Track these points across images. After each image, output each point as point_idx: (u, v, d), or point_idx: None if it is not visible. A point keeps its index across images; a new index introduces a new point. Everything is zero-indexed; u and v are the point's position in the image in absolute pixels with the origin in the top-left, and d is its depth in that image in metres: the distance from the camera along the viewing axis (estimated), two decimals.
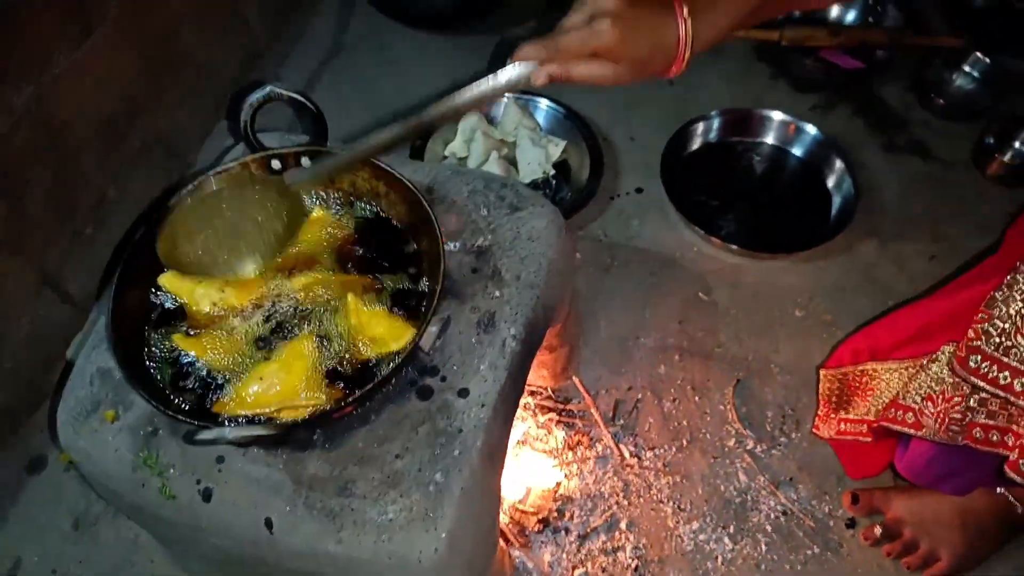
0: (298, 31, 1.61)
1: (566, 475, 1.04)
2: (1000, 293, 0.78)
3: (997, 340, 0.77)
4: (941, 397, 0.84)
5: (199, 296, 0.76)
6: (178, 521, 0.74)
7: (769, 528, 1.01)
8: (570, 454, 1.05)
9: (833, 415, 1.04)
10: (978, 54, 1.43)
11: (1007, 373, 0.77)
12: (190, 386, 0.72)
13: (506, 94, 1.40)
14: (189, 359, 0.73)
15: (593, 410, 1.08)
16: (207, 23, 1.36)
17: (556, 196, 1.34)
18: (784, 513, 1.02)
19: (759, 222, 1.32)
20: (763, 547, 0.99)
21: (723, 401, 1.11)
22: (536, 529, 0.99)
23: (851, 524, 1.02)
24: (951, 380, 0.83)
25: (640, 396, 1.11)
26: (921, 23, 1.49)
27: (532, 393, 1.10)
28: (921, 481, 0.97)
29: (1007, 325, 0.76)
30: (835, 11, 1.55)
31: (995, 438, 0.80)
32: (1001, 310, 0.77)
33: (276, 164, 0.84)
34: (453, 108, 0.74)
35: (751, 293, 1.23)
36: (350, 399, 0.68)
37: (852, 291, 1.22)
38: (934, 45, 1.42)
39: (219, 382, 0.72)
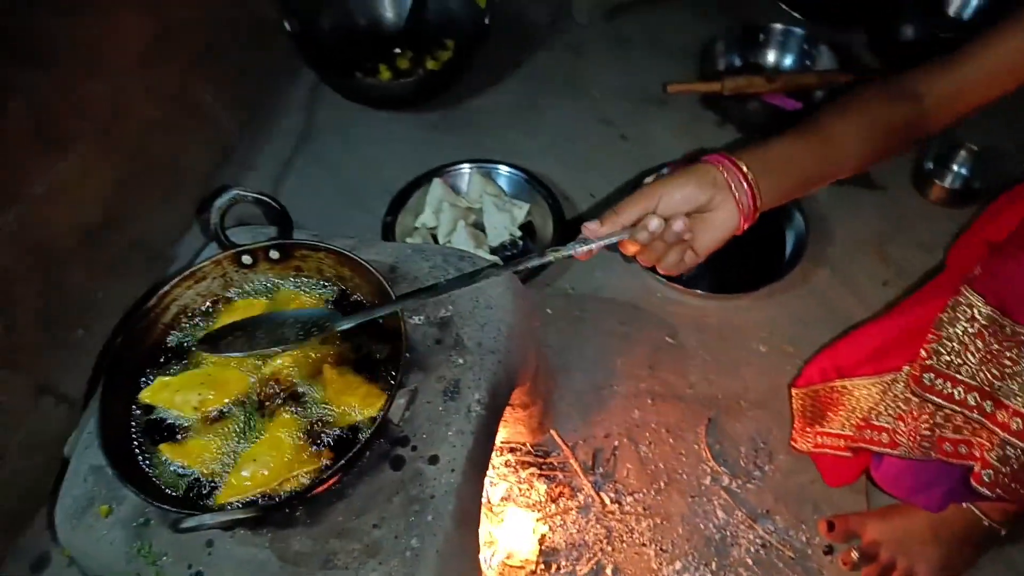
0: (269, 123, 1.70)
1: (550, 527, 1.07)
2: (946, 315, 0.83)
3: (947, 358, 0.82)
4: (910, 416, 0.88)
5: (180, 403, 0.80)
6: None
7: (750, 561, 1.04)
8: (553, 506, 1.09)
9: (809, 429, 1.08)
10: None
11: (960, 388, 0.81)
12: (191, 483, 0.76)
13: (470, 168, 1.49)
14: (182, 465, 0.77)
15: (572, 461, 1.13)
16: (178, 128, 1.44)
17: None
18: (763, 545, 1.05)
19: (718, 264, 1.36)
20: None
21: (697, 441, 1.15)
22: None
23: (829, 551, 1.05)
24: (916, 399, 0.87)
25: (617, 443, 1.16)
26: (852, 61, 1.57)
27: (512, 450, 1.14)
28: (896, 493, 1.00)
29: (955, 344, 0.81)
30: (772, 57, 1.65)
31: (963, 451, 0.83)
32: (948, 330, 0.82)
33: (247, 259, 0.91)
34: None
35: (716, 334, 1.28)
36: (323, 477, 0.73)
37: (811, 321, 1.27)
38: (864, 80, 1.50)
39: (214, 480, 0.76)
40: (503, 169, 1.48)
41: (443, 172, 1.47)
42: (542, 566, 1.04)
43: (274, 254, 0.91)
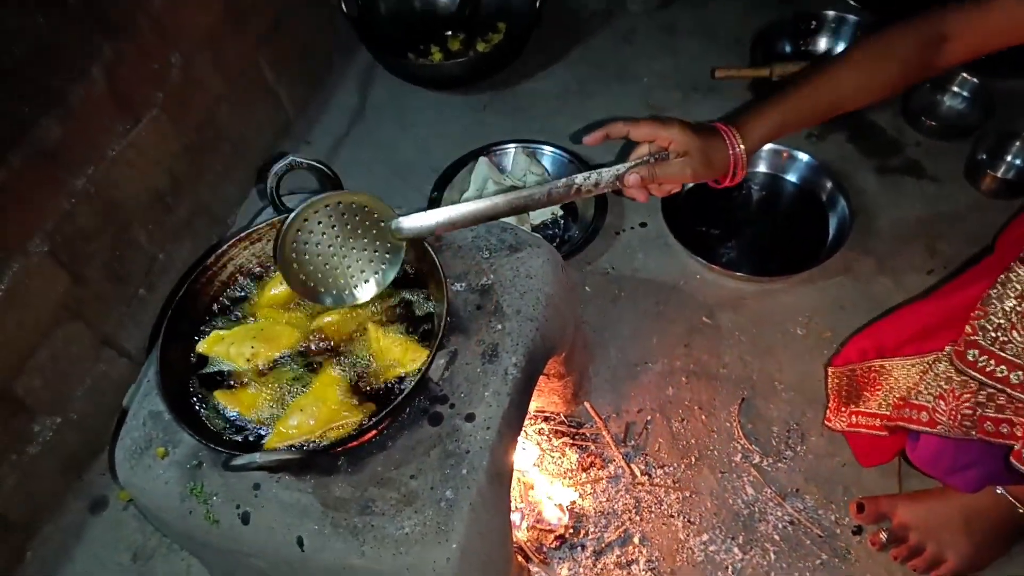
0: (325, 100, 1.75)
1: (580, 495, 1.10)
2: (995, 291, 0.82)
3: (993, 335, 0.82)
4: (951, 395, 0.88)
5: (233, 355, 0.85)
6: (221, 545, 0.83)
7: (777, 537, 1.05)
8: (584, 475, 1.12)
9: (844, 408, 1.08)
10: (965, 75, 1.49)
11: (1004, 367, 0.81)
12: (241, 429, 0.81)
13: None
14: (234, 412, 0.82)
15: (604, 432, 1.15)
16: (242, 102, 1.50)
17: (565, 234, 1.43)
18: (791, 523, 1.06)
19: (759, 247, 1.39)
20: (772, 556, 1.04)
21: (729, 419, 1.17)
22: (553, 546, 1.05)
23: (857, 531, 1.05)
24: (958, 378, 0.87)
25: (650, 418, 1.18)
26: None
27: (546, 419, 1.17)
28: (932, 472, 1.00)
29: (1002, 321, 0.81)
30: (824, 44, 1.64)
31: (1005, 430, 0.83)
32: (996, 306, 0.82)
33: None
34: (556, 194, 0.88)
35: (753, 316, 1.29)
36: (365, 427, 0.77)
37: (851, 308, 1.27)
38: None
39: (263, 427, 0.81)
40: (547, 149, 1.50)
41: (489, 151, 1.51)
42: (571, 531, 1.06)
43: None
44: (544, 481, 1.10)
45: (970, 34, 0.90)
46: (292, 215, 0.81)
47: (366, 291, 0.87)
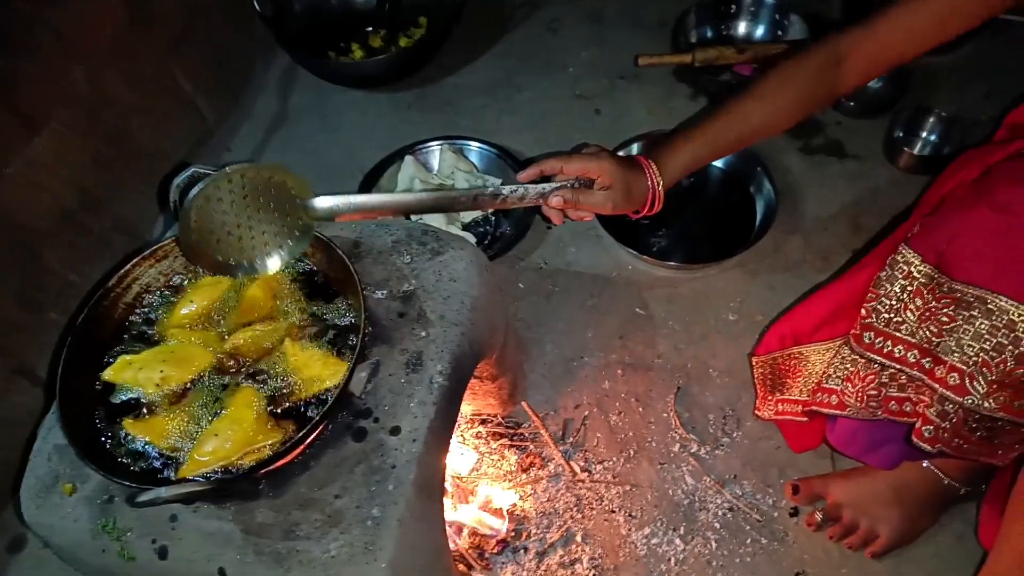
0: (245, 105, 1.70)
1: (521, 496, 1.09)
2: (884, 273, 0.85)
3: (886, 316, 0.84)
4: (857, 377, 0.90)
5: (142, 380, 0.80)
6: None
7: (717, 525, 1.06)
8: (523, 476, 1.11)
9: (770, 397, 1.09)
10: None
11: (900, 347, 0.84)
12: (154, 459, 0.77)
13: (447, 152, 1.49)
14: (145, 442, 0.78)
15: (543, 431, 1.14)
16: (156, 112, 1.44)
17: (497, 231, 1.41)
18: (731, 509, 1.07)
19: (689, 235, 1.39)
20: (713, 544, 1.04)
21: (666, 409, 1.17)
22: (495, 551, 1.04)
23: (794, 513, 1.07)
24: (862, 360, 0.89)
25: (587, 413, 1.17)
26: (824, 29, 1.56)
27: (483, 422, 1.15)
28: (850, 453, 1.02)
29: (894, 302, 0.83)
30: (743, 28, 1.65)
31: (908, 408, 0.86)
32: (887, 289, 0.84)
33: None
34: (481, 200, 0.92)
35: (686, 303, 1.29)
36: (279, 452, 0.73)
37: (781, 289, 1.28)
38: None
39: (177, 456, 0.77)
40: (474, 145, 1.48)
41: (414, 150, 1.47)
42: (513, 534, 1.05)
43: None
44: (484, 485, 1.09)
45: (863, 54, 0.93)
46: (208, 179, 0.82)
47: (269, 264, 0.86)
